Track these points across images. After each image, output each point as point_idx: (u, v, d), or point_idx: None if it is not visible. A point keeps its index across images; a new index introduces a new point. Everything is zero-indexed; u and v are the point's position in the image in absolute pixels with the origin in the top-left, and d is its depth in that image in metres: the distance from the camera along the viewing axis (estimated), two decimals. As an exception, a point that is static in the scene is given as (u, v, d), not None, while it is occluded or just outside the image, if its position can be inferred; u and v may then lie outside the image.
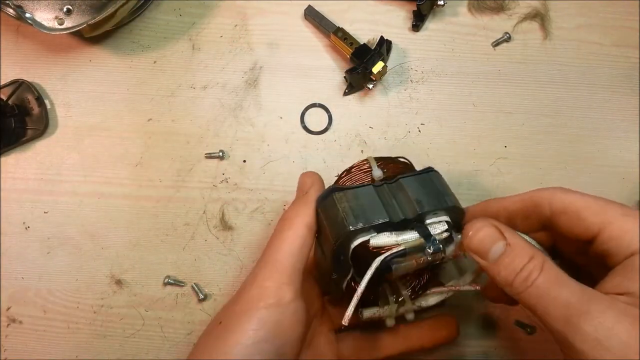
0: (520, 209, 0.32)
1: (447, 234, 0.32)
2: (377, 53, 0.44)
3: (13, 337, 0.45)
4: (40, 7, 0.43)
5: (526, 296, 0.28)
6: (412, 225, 0.32)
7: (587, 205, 0.29)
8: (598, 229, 0.29)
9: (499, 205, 0.34)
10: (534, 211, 0.32)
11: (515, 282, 0.29)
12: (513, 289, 0.29)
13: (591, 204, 0.30)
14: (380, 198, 0.33)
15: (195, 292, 0.45)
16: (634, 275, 0.27)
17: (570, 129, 0.47)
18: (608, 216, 0.29)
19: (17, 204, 0.47)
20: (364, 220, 0.31)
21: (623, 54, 0.48)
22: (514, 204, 0.33)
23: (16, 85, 0.47)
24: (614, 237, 0.28)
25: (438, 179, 0.35)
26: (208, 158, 0.47)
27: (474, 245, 0.30)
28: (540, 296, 0.27)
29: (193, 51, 0.48)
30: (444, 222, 0.32)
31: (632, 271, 0.27)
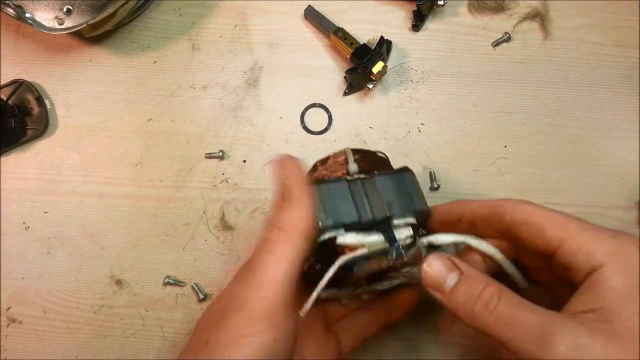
0: (484, 214, 0.33)
1: (411, 240, 0.32)
2: (377, 53, 0.44)
3: (13, 337, 0.45)
4: (40, 7, 0.43)
5: (490, 323, 0.28)
6: (379, 227, 0.32)
7: (548, 218, 0.30)
8: (558, 242, 0.29)
9: (466, 207, 0.34)
10: (497, 218, 0.32)
11: (475, 309, 0.28)
12: (474, 317, 0.28)
13: (552, 218, 0.30)
14: (353, 195, 0.32)
15: (196, 292, 0.45)
16: (598, 292, 0.27)
17: (570, 129, 0.47)
18: (568, 230, 0.29)
19: (17, 204, 0.47)
20: (333, 218, 0.31)
21: (623, 54, 0.48)
22: (480, 209, 0.33)
23: (16, 85, 0.47)
24: (572, 251, 0.29)
25: (411, 179, 0.35)
26: (208, 158, 0.47)
27: (430, 279, 0.30)
28: (506, 322, 0.27)
29: (193, 51, 0.48)
30: (409, 227, 0.32)
31: (595, 288, 0.27)
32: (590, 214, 0.46)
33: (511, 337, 0.27)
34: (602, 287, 0.27)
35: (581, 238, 0.29)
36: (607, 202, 0.46)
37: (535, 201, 0.46)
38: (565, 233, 0.29)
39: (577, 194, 0.46)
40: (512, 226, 0.31)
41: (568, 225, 0.29)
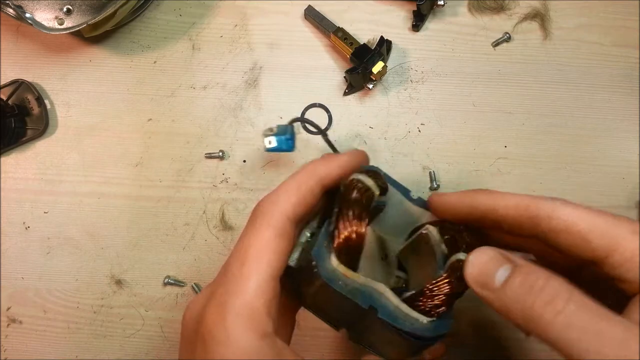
0: (513, 216, 0.27)
1: None
2: (377, 53, 0.44)
3: (13, 337, 0.45)
4: (40, 7, 0.43)
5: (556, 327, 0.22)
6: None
7: (594, 224, 0.25)
8: (606, 253, 0.25)
9: (489, 205, 0.28)
10: (530, 223, 0.26)
11: (535, 306, 0.23)
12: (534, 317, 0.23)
13: (598, 223, 0.25)
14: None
15: (195, 292, 0.45)
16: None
17: (570, 129, 0.47)
18: (618, 238, 0.25)
19: (17, 204, 0.47)
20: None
21: (623, 54, 0.48)
22: (507, 209, 0.27)
23: (16, 85, 0.47)
24: (625, 261, 0.24)
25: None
26: (208, 158, 0.47)
27: (476, 273, 0.25)
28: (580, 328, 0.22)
29: (193, 51, 0.48)
30: None
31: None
32: (590, 214, 0.46)
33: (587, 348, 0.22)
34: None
35: (634, 244, 0.24)
36: (607, 202, 0.46)
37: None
38: (615, 241, 0.25)
39: (577, 194, 0.46)
40: (549, 233, 0.26)
41: (617, 232, 0.25)
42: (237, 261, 0.26)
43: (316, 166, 0.29)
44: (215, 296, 0.25)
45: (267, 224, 0.26)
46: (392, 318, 0.26)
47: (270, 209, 0.26)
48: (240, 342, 0.24)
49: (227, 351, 0.23)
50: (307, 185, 0.28)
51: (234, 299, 0.24)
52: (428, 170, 0.46)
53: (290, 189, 0.27)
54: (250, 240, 0.26)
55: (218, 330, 0.24)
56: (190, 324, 0.27)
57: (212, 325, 0.24)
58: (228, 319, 0.24)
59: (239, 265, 0.25)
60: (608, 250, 0.25)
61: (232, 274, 0.25)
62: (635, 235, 0.25)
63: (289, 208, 0.27)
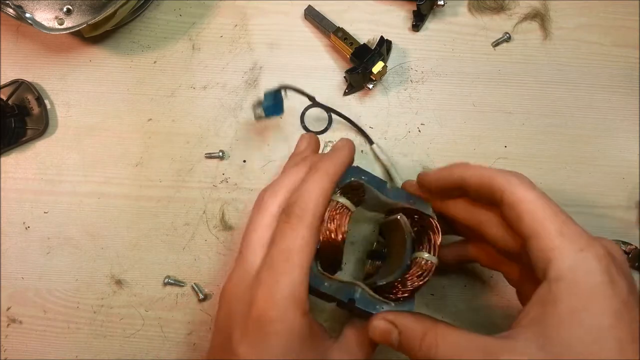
0: (476, 185, 0.33)
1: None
2: (377, 53, 0.44)
3: (13, 337, 0.45)
4: (40, 7, 0.43)
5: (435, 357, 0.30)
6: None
7: (531, 208, 0.30)
8: (529, 235, 0.29)
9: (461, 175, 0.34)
10: (488, 192, 0.32)
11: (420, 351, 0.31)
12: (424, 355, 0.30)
13: (535, 209, 0.30)
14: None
15: (196, 292, 0.45)
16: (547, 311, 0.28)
17: (570, 129, 0.47)
18: (543, 229, 0.29)
19: (17, 204, 0.47)
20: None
21: (623, 54, 0.48)
22: (472, 179, 0.33)
23: (16, 85, 0.47)
24: (537, 251, 0.29)
25: None
26: (208, 158, 0.47)
27: (378, 338, 0.33)
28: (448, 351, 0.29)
29: (193, 51, 0.48)
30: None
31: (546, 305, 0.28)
32: (590, 214, 0.46)
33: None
34: (551, 306, 0.28)
35: (551, 242, 0.29)
36: (607, 202, 0.46)
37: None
38: (539, 230, 0.29)
39: (577, 194, 0.46)
40: (501, 204, 0.31)
41: (546, 224, 0.29)
42: (281, 255, 0.31)
43: (329, 167, 0.34)
44: (265, 284, 0.30)
45: (304, 225, 0.31)
46: (366, 305, 0.34)
47: (302, 211, 0.32)
48: (290, 319, 0.30)
49: (281, 327, 0.29)
50: (328, 188, 0.33)
51: (284, 288, 0.30)
52: (428, 170, 0.46)
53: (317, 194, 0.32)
54: (290, 239, 0.31)
55: (272, 312, 0.29)
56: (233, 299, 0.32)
57: (266, 308, 0.30)
58: (280, 304, 0.30)
59: (284, 260, 0.30)
60: (531, 234, 0.29)
61: (279, 267, 0.30)
62: (559, 235, 0.29)
63: (318, 210, 0.32)
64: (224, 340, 0.32)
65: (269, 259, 0.31)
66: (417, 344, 0.31)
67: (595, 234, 0.45)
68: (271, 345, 0.29)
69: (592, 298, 0.27)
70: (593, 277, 0.28)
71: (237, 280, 0.32)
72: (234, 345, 0.30)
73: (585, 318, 0.27)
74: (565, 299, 0.27)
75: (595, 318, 0.27)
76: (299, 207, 0.32)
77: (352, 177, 0.36)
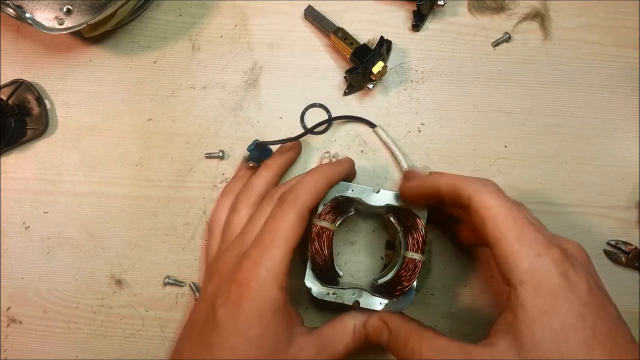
0: (448, 192, 0.35)
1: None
2: (377, 53, 0.44)
3: (13, 337, 0.45)
4: (40, 7, 0.43)
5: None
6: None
7: (493, 216, 0.31)
8: (493, 242, 0.31)
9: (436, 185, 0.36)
10: (458, 199, 0.34)
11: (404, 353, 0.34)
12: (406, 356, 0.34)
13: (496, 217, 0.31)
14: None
15: (193, 290, 0.45)
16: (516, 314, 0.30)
17: (570, 129, 0.47)
18: (503, 236, 0.31)
19: (17, 204, 0.47)
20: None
21: (623, 54, 0.48)
22: (445, 187, 0.35)
23: (16, 85, 0.47)
24: (500, 257, 0.31)
25: None
26: (208, 158, 0.47)
27: (372, 337, 0.37)
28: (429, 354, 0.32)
29: (193, 51, 0.48)
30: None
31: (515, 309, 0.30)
32: (590, 214, 0.46)
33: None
34: (520, 310, 0.30)
35: (510, 248, 0.31)
36: (607, 202, 0.46)
37: (536, 201, 0.46)
38: (500, 238, 0.31)
39: (577, 194, 0.46)
40: (469, 210, 0.33)
41: (505, 230, 0.31)
42: (270, 234, 0.35)
43: (328, 170, 0.39)
44: (251, 257, 0.35)
45: (294, 210, 0.35)
46: (370, 304, 0.38)
47: (294, 199, 0.36)
48: (267, 289, 0.34)
49: (258, 295, 0.34)
50: (322, 185, 0.37)
51: (267, 261, 0.34)
52: (428, 170, 0.46)
53: (310, 186, 0.37)
54: (280, 220, 0.35)
55: (253, 281, 0.34)
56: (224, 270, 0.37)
57: (248, 277, 0.34)
58: (261, 275, 0.34)
59: (271, 238, 0.35)
60: (494, 241, 0.31)
61: (265, 244, 0.35)
62: (518, 241, 0.30)
63: (308, 201, 0.36)
64: (208, 307, 0.36)
65: (259, 236, 0.36)
66: (402, 346, 0.34)
67: (595, 234, 0.46)
68: (246, 310, 0.33)
69: (554, 301, 0.29)
70: (552, 280, 0.29)
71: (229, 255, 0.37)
72: (216, 308, 0.34)
73: (552, 319, 0.29)
74: (531, 302, 0.29)
75: (559, 319, 0.29)
76: (293, 195, 0.36)
77: (336, 193, 0.40)
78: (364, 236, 0.46)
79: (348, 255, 0.45)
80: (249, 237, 0.37)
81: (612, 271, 0.45)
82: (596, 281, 0.31)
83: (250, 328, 0.33)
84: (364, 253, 0.46)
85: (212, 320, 0.34)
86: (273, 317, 0.34)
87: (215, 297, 0.35)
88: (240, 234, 0.38)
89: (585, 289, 0.30)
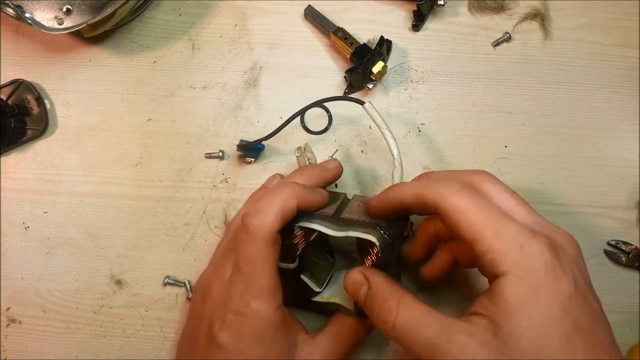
0: (414, 203, 0.34)
1: None
2: (377, 53, 0.44)
3: (13, 337, 0.45)
4: (40, 7, 0.43)
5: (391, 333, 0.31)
6: None
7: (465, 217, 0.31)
8: (471, 242, 0.30)
9: (399, 197, 0.35)
10: (425, 207, 0.33)
11: (377, 323, 0.32)
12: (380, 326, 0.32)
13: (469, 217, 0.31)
14: None
15: (187, 290, 0.45)
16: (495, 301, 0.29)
17: (571, 129, 0.47)
18: (480, 234, 0.30)
19: (17, 204, 0.47)
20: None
21: (623, 54, 0.48)
22: (409, 199, 0.34)
23: (16, 85, 0.47)
24: (480, 254, 0.30)
25: None
26: (208, 158, 0.47)
27: (349, 287, 0.35)
28: (401, 336, 0.30)
29: (193, 51, 0.48)
30: None
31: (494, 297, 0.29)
32: (590, 214, 0.46)
33: (407, 345, 0.30)
34: (499, 298, 0.29)
35: (490, 244, 0.30)
36: (607, 202, 0.46)
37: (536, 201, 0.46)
38: (478, 236, 0.30)
39: (577, 194, 0.46)
40: (440, 215, 0.32)
41: (482, 229, 0.30)
42: (246, 264, 0.34)
43: (295, 188, 0.36)
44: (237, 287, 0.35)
45: (260, 239, 0.34)
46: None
47: (259, 225, 0.34)
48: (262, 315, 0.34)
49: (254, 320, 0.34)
50: (289, 206, 0.35)
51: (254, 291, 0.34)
52: (428, 170, 0.46)
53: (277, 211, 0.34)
54: (250, 250, 0.34)
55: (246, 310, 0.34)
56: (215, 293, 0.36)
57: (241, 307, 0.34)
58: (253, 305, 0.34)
59: (249, 268, 0.34)
60: (472, 240, 0.30)
61: (246, 274, 0.35)
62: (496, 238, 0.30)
63: (276, 225, 0.34)
64: (206, 329, 0.36)
65: (236, 266, 0.35)
66: (378, 305, 0.32)
67: (595, 234, 0.46)
68: (246, 333, 0.34)
69: (537, 292, 0.28)
70: (536, 272, 0.29)
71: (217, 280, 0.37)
72: (214, 332, 0.35)
73: (533, 311, 0.28)
74: (512, 292, 0.29)
75: (541, 311, 0.28)
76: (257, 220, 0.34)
77: (295, 224, 0.37)
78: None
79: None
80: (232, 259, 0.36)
81: (612, 271, 0.45)
82: (583, 275, 0.31)
83: (253, 350, 0.34)
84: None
85: (214, 342, 0.35)
86: (274, 335, 0.35)
87: (212, 321, 0.35)
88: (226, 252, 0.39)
89: (571, 282, 0.29)
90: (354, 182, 0.46)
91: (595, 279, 0.43)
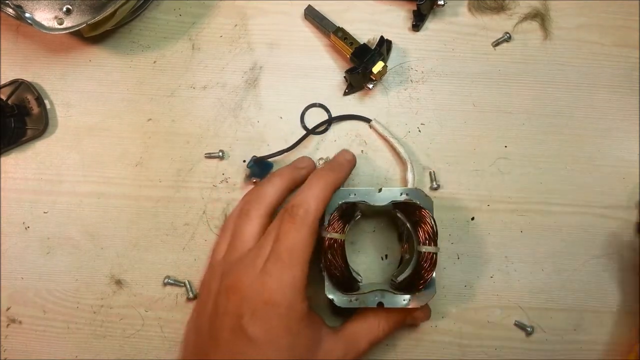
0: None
1: None
2: (377, 53, 0.44)
3: (13, 337, 0.45)
4: (40, 7, 0.43)
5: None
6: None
7: None
8: None
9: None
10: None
11: None
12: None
13: None
14: None
15: (187, 290, 0.45)
16: None
17: (571, 129, 0.47)
18: None
19: (17, 204, 0.47)
20: None
21: (623, 54, 0.48)
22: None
23: (16, 85, 0.47)
24: None
25: None
26: (208, 158, 0.47)
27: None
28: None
29: (193, 51, 0.48)
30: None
31: None
32: (590, 214, 0.46)
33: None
34: None
35: None
36: (607, 202, 0.46)
37: (536, 201, 0.46)
38: None
39: (577, 194, 0.46)
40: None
41: None
42: (287, 252, 0.37)
43: (329, 177, 0.39)
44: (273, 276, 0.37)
45: (306, 227, 0.37)
46: (393, 303, 0.40)
47: (305, 214, 0.37)
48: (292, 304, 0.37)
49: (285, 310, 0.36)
50: (328, 194, 0.39)
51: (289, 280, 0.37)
52: (428, 170, 0.46)
53: (317, 198, 0.38)
54: (294, 237, 0.37)
55: (280, 299, 0.36)
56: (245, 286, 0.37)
57: (275, 296, 0.36)
58: (287, 294, 0.36)
59: (289, 257, 0.37)
60: None
61: (284, 262, 0.37)
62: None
63: (318, 213, 0.38)
64: (232, 322, 0.37)
65: (275, 253, 0.37)
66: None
67: (595, 234, 0.46)
68: (276, 325, 0.36)
69: None
70: None
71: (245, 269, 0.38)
72: (244, 324, 0.36)
73: None
74: None
75: None
76: (303, 210, 0.37)
77: (339, 200, 0.40)
78: (364, 236, 0.46)
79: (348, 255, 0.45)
80: (265, 252, 0.38)
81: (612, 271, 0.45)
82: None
83: (282, 340, 0.36)
84: (364, 253, 0.46)
85: (243, 335, 0.36)
86: (301, 326, 0.37)
87: (241, 314, 0.37)
88: (256, 247, 0.39)
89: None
90: (354, 182, 0.46)
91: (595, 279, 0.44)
